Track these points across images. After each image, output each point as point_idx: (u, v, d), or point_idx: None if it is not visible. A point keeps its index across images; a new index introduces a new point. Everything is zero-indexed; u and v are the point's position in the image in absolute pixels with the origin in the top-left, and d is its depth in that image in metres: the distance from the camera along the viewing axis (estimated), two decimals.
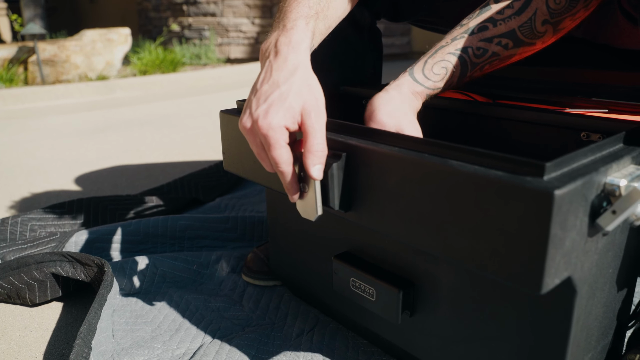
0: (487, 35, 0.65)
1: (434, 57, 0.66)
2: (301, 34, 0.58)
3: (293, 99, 0.54)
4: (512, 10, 0.65)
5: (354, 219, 0.59)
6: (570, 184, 0.41)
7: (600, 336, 0.58)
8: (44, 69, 3.91)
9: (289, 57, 0.56)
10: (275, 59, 0.57)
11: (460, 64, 0.65)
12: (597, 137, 0.62)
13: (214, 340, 0.78)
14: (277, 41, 0.58)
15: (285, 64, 0.56)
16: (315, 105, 0.55)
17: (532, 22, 0.65)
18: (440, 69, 0.65)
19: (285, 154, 0.54)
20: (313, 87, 0.56)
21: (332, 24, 0.69)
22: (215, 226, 1.15)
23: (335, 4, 0.68)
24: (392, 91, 0.65)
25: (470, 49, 0.65)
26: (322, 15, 0.64)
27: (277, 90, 0.55)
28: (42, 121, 2.81)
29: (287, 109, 0.53)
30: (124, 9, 7.47)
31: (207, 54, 5.19)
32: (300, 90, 0.55)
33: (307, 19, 0.60)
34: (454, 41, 0.66)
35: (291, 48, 0.57)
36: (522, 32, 0.65)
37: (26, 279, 0.90)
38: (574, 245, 0.43)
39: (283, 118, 0.53)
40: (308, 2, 0.63)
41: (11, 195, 1.55)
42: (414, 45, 6.54)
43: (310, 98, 0.55)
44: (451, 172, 0.46)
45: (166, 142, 2.20)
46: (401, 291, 0.62)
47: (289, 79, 0.55)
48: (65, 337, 0.83)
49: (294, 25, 0.59)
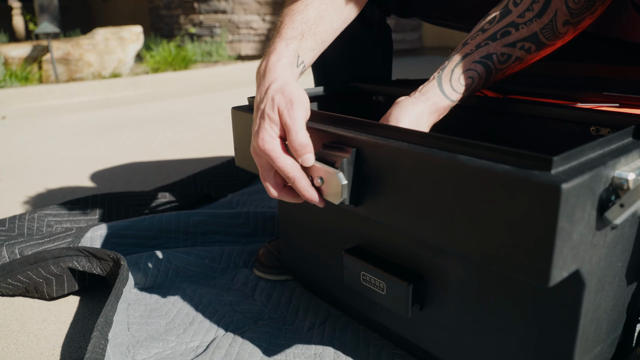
0: (510, 40, 0.65)
1: (461, 66, 0.66)
2: (278, 54, 0.63)
3: (269, 109, 0.58)
4: (532, 13, 0.64)
5: (364, 213, 0.59)
6: (578, 177, 0.41)
7: (610, 329, 0.58)
8: (57, 68, 3.95)
9: (265, 78, 0.61)
10: (258, 86, 0.63)
11: (486, 71, 0.65)
12: (606, 132, 0.62)
13: (226, 334, 0.79)
14: (260, 67, 0.63)
15: (262, 86, 0.61)
16: (286, 103, 0.57)
17: (553, 23, 0.64)
18: (467, 79, 0.65)
19: (287, 160, 0.57)
20: (286, 90, 0.59)
21: (328, 37, 0.71)
22: (227, 222, 1.17)
23: (329, 19, 0.70)
24: (419, 101, 0.65)
25: (495, 56, 0.65)
26: (309, 33, 0.67)
27: (259, 111, 0.60)
28: (57, 119, 2.85)
29: (268, 121, 0.58)
30: (136, 7, 7.53)
31: (218, 51, 5.22)
32: (274, 99, 0.58)
33: (287, 41, 0.64)
34: (478, 49, 0.66)
35: (267, 70, 0.62)
36: (544, 35, 0.65)
37: (44, 273, 0.92)
38: (582, 238, 0.44)
39: (269, 130, 0.57)
40: (293, 24, 0.66)
41: (27, 192, 1.58)
42: (425, 40, 6.50)
43: (281, 100, 0.58)
44: (460, 167, 0.47)
45: (178, 139, 2.23)
46: (411, 285, 0.63)
47: (265, 97, 0.60)
48: (82, 330, 0.85)
49: (274, 49, 0.64)
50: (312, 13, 0.68)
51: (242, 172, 1.56)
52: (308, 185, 0.58)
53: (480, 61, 0.65)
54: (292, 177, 0.57)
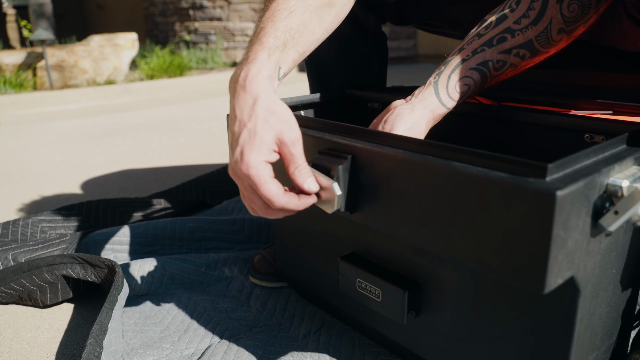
0: (506, 47, 0.65)
1: (457, 73, 0.66)
2: (259, 66, 0.57)
3: (262, 132, 0.54)
4: (528, 20, 0.65)
5: (359, 220, 0.60)
6: (572, 184, 0.41)
7: (605, 336, 0.58)
8: (52, 74, 3.95)
9: (246, 90, 0.56)
10: (236, 97, 0.57)
11: (481, 78, 0.66)
12: (600, 139, 0.63)
13: (222, 341, 0.79)
14: (239, 76, 0.57)
15: (244, 100, 0.56)
16: (289, 131, 0.54)
17: (548, 31, 0.65)
18: (463, 86, 0.66)
19: (273, 187, 0.53)
20: (279, 113, 0.55)
21: (309, 48, 0.67)
22: (222, 228, 1.16)
23: (312, 28, 0.66)
24: (416, 109, 0.65)
25: (491, 62, 0.65)
26: (291, 43, 0.62)
27: (245, 128, 0.54)
28: (51, 126, 2.84)
29: (259, 144, 0.53)
30: (131, 14, 7.54)
31: (214, 58, 5.23)
32: (267, 121, 0.54)
33: (270, 51, 0.59)
34: (475, 55, 0.66)
35: (248, 82, 0.56)
36: (539, 42, 0.65)
37: (37, 281, 0.91)
38: (577, 245, 0.44)
39: (258, 154, 0.53)
40: (275, 32, 0.61)
41: (21, 198, 1.58)
42: (420, 48, 6.54)
43: (280, 126, 0.54)
44: (455, 174, 0.47)
45: (173, 146, 2.22)
46: (407, 292, 0.63)
47: (252, 114, 0.55)
48: (76, 338, 0.84)
49: (255, 58, 0.58)
50: (296, 22, 0.63)
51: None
52: (298, 201, 0.55)
53: (476, 68, 0.66)
54: (280, 206, 0.54)
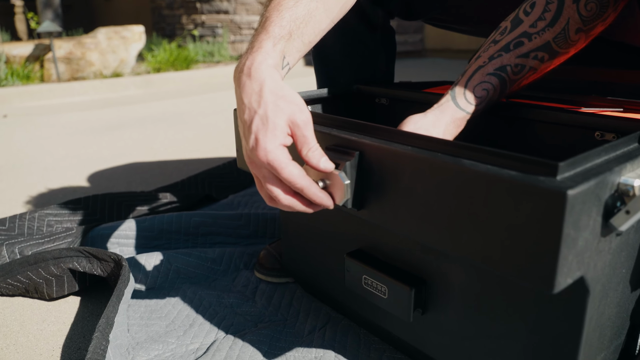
0: (523, 51, 0.65)
1: (474, 79, 0.65)
2: (264, 54, 0.57)
3: (274, 116, 0.53)
4: (544, 22, 0.64)
5: (366, 216, 0.59)
6: (584, 183, 0.41)
7: (613, 336, 0.57)
8: (59, 66, 3.96)
9: (252, 78, 0.55)
10: (242, 86, 0.56)
11: (500, 83, 0.65)
12: (611, 137, 0.62)
13: (227, 336, 0.79)
14: (244, 65, 0.57)
15: (250, 87, 0.55)
16: (300, 113, 0.54)
17: (565, 32, 0.64)
18: (481, 92, 0.65)
19: (295, 169, 0.53)
20: (288, 96, 0.54)
21: (315, 38, 0.66)
22: (228, 223, 1.16)
23: (318, 18, 0.65)
24: (435, 118, 0.64)
25: (509, 67, 0.65)
26: (297, 33, 0.62)
27: (256, 115, 0.54)
28: (58, 118, 2.85)
29: (274, 128, 0.53)
30: (138, 7, 7.54)
31: (220, 51, 5.22)
32: (278, 105, 0.54)
33: (275, 40, 0.59)
34: (492, 60, 0.65)
35: (254, 69, 0.56)
36: (557, 43, 0.64)
37: (44, 274, 0.92)
38: (587, 245, 0.43)
39: (274, 138, 0.52)
40: (281, 22, 0.60)
41: (28, 191, 1.58)
42: (427, 42, 6.50)
43: (291, 108, 0.54)
44: (464, 172, 0.47)
45: (179, 139, 2.22)
46: (413, 289, 0.63)
47: (261, 100, 0.54)
48: (82, 331, 0.85)
49: (260, 47, 0.58)
50: (302, 11, 0.62)
51: (243, 173, 1.56)
52: (318, 190, 0.55)
53: (494, 73, 0.65)
54: (301, 186, 0.53)
